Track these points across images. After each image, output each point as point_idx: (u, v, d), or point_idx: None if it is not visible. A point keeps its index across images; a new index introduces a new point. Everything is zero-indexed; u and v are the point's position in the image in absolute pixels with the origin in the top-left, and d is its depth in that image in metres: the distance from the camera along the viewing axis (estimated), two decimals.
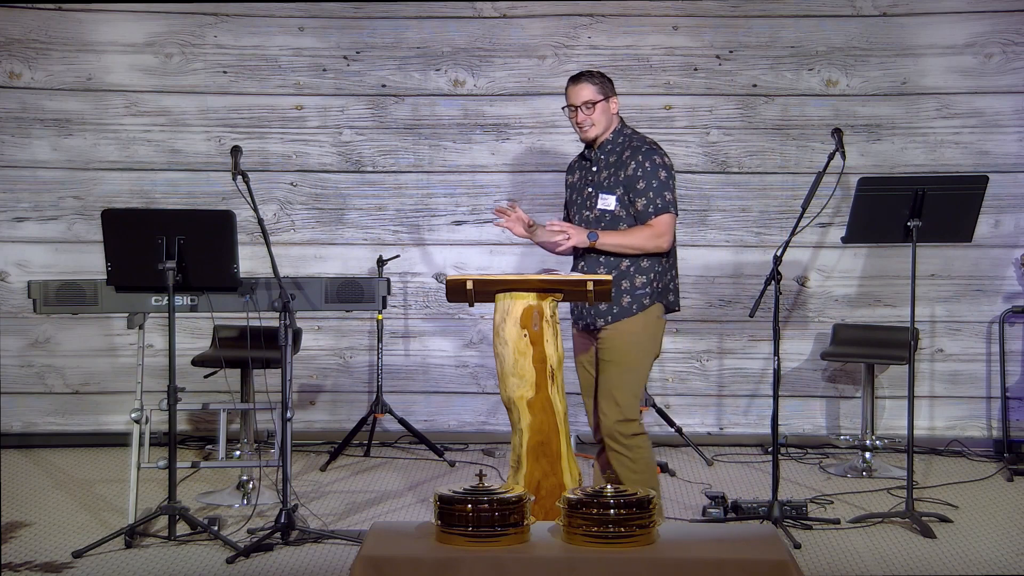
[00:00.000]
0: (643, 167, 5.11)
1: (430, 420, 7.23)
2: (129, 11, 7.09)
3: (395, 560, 3.94)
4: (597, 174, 5.20)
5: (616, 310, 5.13)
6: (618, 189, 5.13)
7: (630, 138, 5.22)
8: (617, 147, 5.20)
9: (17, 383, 7.19)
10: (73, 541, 5.46)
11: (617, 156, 5.18)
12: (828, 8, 7.05)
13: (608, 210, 5.15)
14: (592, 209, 5.19)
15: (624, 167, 5.13)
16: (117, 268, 5.48)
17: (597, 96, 5.18)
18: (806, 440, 7.19)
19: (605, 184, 5.16)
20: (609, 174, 5.17)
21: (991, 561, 5.26)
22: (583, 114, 5.16)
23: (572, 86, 5.21)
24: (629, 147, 5.17)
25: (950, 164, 7.03)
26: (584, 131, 5.19)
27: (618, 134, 5.23)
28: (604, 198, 5.15)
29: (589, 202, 5.21)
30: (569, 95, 5.21)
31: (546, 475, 4.92)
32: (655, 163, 5.12)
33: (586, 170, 5.27)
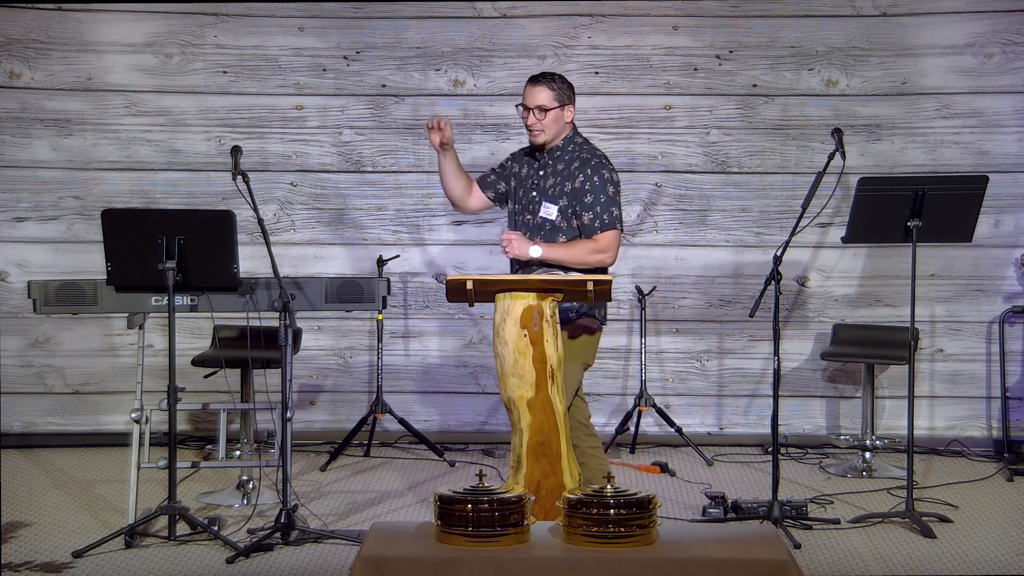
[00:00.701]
0: (591, 181, 5.05)
1: (430, 420, 7.23)
2: (129, 11, 7.09)
3: (395, 560, 3.94)
4: (543, 179, 5.14)
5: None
6: (562, 200, 5.06)
7: (580, 148, 5.14)
8: (566, 155, 5.14)
9: (17, 383, 7.19)
10: (73, 541, 5.46)
11: (565, 165, 5.11)
12: (828, 8, 7.05)
13: (549, 219, 5.09)
14: (534, 215, 5.13)
15: (571, 178, 5.07)
16: (117, 268, 5.48)
17: (552, 103, 5.11)
18: (806, 440, 7.19)
19: (550, 192, 5.10)
20: (555, 182, 5.10)
21: (991, 561, 5.26)
22: (534, 118, 5.09)
23: (530, 87, 5.15)
24: (578, 158, 5.10)
25: (950, 164, 7.03)
26: (533, 135, 5.13)
27: (569, 142, 5.15)
28: (547, 207, 5.09)
29: (532, 206, 5.15)
30: (525, 95, 5.15)
31: (546, 475, 4.92)
32: (603, 178, 5.07)
33: (532, 170, 5.21)
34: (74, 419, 7.26)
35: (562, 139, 5.17)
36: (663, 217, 7.16)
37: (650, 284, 7.08)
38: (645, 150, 7.15)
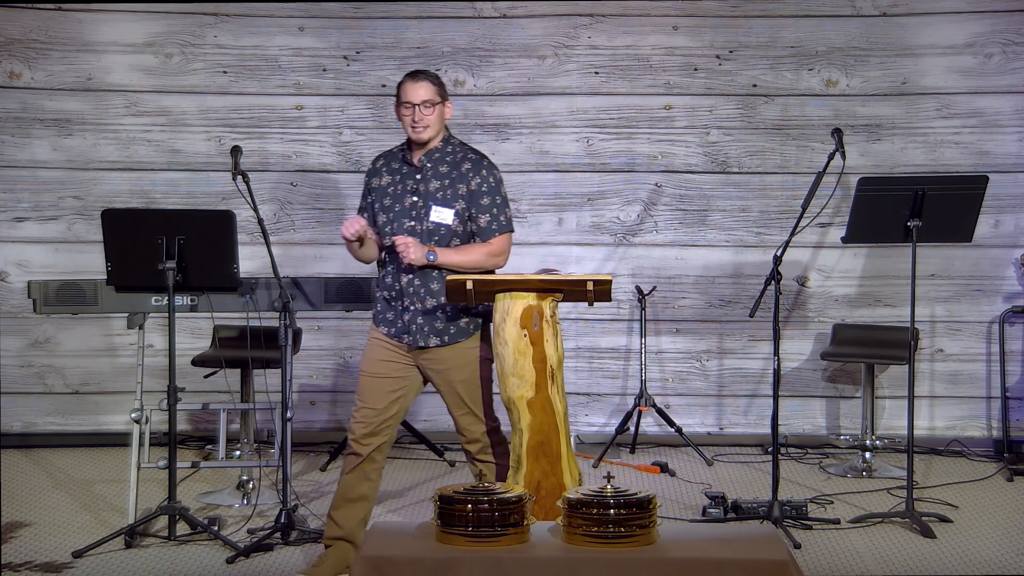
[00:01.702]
0: (487, 183, 4.93)
1: (430, 420, 7.23)
2: (129, 11, 7.09)
3: (395, 560, 3.93)
4: (425, 183, 4.91)
5: (453, 331, 4.93)
6: (457, 203, 4.89)
7: (464, 149, 4.99)
8: (448, 156, 4.94)
9: (17, 383, 7.19)
10: (73, 541, 5.46)
11: (451, 167, 4.92)
12: (828, 8, 7.05)
13: (444, 224, 4.88)
14: (421, 221, 4.89)
15: (465, 180, 4.91)
16: (117, 268, 5.48)
17: (436, 98, 4.92)
18: (806, 440, 7.19)
19: (439, 196, 4.89)
20: (443, 185, 4.90)
21: (991, 561, 5.27)
22: (421, 113, 4.88)
23: (412, 82, 4.89)
24: (466, 159, 4.95)
25: (950, 164, 7.03)
26: (418, 132, 4.87)
27: (447, 143, 4.98)
28: (439, 211, 4.89)
29: (415, 212, 4.90)
30: (408, 92, 4.88)
31: (546, 475, 4.92)
32: (497, 180, 4.97)
33: (407, 177, 4.95)
34: (74, 419, 7.26)
35: (440, 139, 4.98)
36: (663, 217, 7.16)
37: (650, 284, 7.08)
38: (645, 150, 7.15)
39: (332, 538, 5.04)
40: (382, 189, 4.98)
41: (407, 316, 4.92)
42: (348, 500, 5.03)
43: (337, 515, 5.04)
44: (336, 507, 5.04)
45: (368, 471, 5.02)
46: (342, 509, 5.03)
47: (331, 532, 5.05)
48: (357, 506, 5.04)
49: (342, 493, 5.04)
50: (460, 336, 4.96)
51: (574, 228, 7.18)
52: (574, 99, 7.14)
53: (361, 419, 4.99)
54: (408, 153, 4.98)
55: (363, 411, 4.99)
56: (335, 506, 5.05)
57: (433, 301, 4.90)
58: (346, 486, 5.03)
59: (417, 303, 4.90)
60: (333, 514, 5.05)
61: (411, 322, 4.92)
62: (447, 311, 4.91)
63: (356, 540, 5.03)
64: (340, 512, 5.03)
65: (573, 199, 7.17)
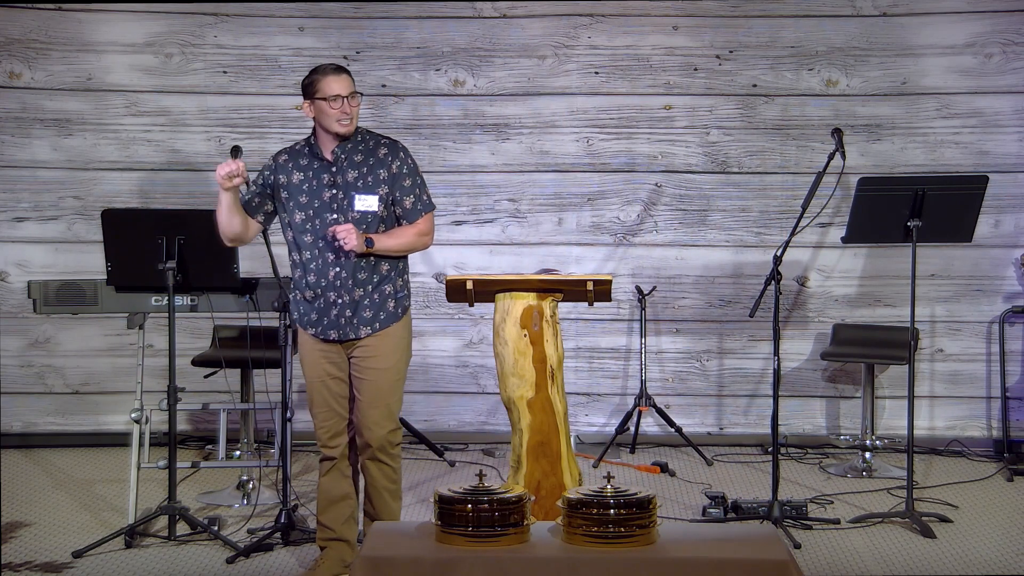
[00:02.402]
0: (407, 164, 4.91)
1: (430, 420, 7.23)
2: (129, 11, 7.09)
3: (395, 560, 3.93)
4: (342, 175, 4.85)
5: (383, 316, 4.91)
6: (380, 188, 4.85)
7: (373, 136, 4.95)
8: (360, 145, 4.89)
9: (17, 383, 7.19)
10: (73, 541, 5.46)
11: (365, 155, 4.88)
12: (828, 8, 7.05)
13: (371, 211, 4.84)
14: (344, 212, 4.83)
15: (384, 165, 4.87)
16: (117, 268, 5.48)
17: (356, 90, 4.89)
18: (806, 440, 7.19)
19: (360, 185, 4.84)
20: (361, 174, 4.86)
21: (991, 561, 5.26)
22: (350, 105, 4.80)
23: (340, 75, 4.82)
24: (381, 145, 4.92)
25: (950, 164, 7.03)
26: (346, 125, 4.81)
27: (356, 132, 4.91)
28: (364, 199, 4.84)
29: (336, 205, 4.83)
30: (337, 85, 4.80)
31: (546, 475, 4.93)
32: (414, 161, 4.96)
33: (320, 172, 4.87)
34: (74, 419, 7.26)
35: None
36: (663, 217, 7.16)
37: (650, 284, 7.08)
38: (645, 150, 7.15)
39: (325, 540, 5.06)
40: (295, 187, 4.88)
41: (333, 311, 4.86)
42: (332, 502, 5.04)
43: (325, 518, 5.05)
44: (322, 511, 5.06)
45: (343, 469, 5.04)
46: (328, 512, 5.05)
47: (323, 535, 5.07)
48: (342, 505, 5.05)
49: (325, 497, 5.05)
50: (389, 321, 4.93)
51: (574, 228, 7.18)
52: (574, 99, 7.14)
53: (323, 423, 4.98)
54: (315, 148, 4.90)
55: (320, 415, 4.97)
56: (321, 511, 5.07)
57: (360, 291, 4.86)
58: (327, 490, 5.04)
59: (344, 295, 4.85)
60: (321, 518, 5.07)
61: (339, 316, 4.86)
62: (374, 298, 4.87)
63: (349, 537, 5.06)
64: (327, 515, 5.05)
65: (573, 199, 7.17)
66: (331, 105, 4.79)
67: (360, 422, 4.94)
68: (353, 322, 4.87)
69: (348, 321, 4.86)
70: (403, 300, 4.97)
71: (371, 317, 4.88)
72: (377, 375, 4.90)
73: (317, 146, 4.89)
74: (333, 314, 4.86)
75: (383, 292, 4.90)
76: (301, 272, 4.92)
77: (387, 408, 4.94)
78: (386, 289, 4.91)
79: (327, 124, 4.83)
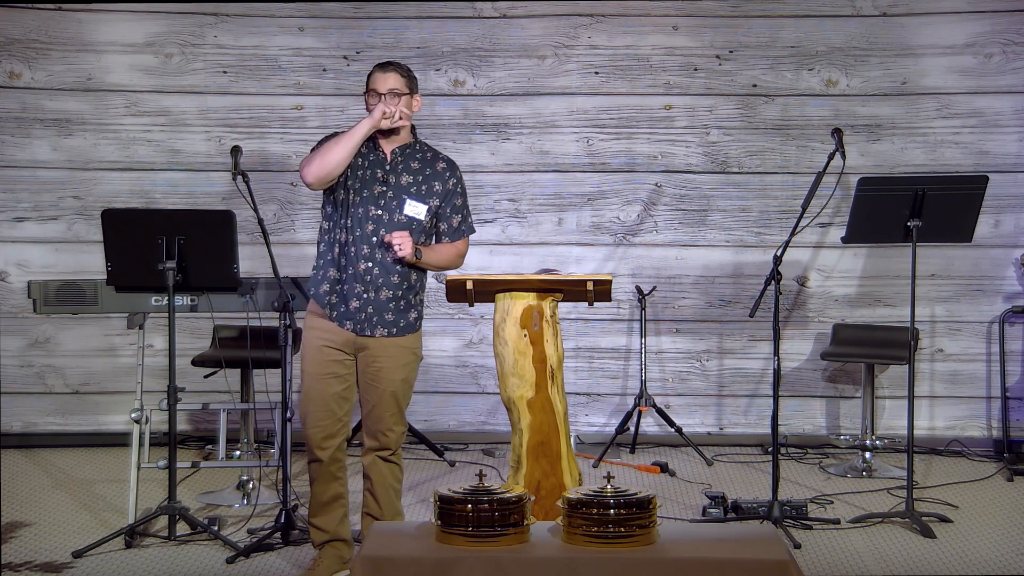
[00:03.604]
0: (461, 184, 4.97)
1: (430, 420, 7.23)
2: (129, 11, 7.09)
3: (395, 560, 3.93)
4: (395, 176, 4.88)
5: (403, 324, 4.90)
6: (432, 200, 4.89)
7: (433, 150, 5.00)
8: (418, 154, 4.94)
9: (17, 383, 7.19)
10: (73, 541, 5.46)
11: (422, 164, 4.92)
12: (828, 8, 7.05)
13: (417, 219, 4.86)
14: (391, 212, 4.84)
15: (441, 179, 4.92)
16: (117, 268, 5.48)
17: (404, 88, 4.93)
18: (806, 440, 7.19)
19: (414, 192, 4.87)
20: (415, 181, 4.89)
21: (991, 561, 5.27)
22: (387, 103, 4.84)
23: (384, 72, 4.92)
24: (439, 159, 4.97)
25: (950, 164, 7.03)
26: (392, 121, 4.84)
27: (417, 140, 4.98)
28: (414, 205, 4.86)
29: (383, 202, 4.84)
30: (378, 81, 4.89)
31: (546, 475, 4.93)
32: (464, 183, 5.02)
33: (375, 164, 4.89)
34: (74, 419, 7.26)
35: (409, 136, 4.98)
36: (663, 217, 7.16)
37: (650, 284, 7.08)
38: (645, 150, 7.15)
39: (322, 541, 5.05)
40: (354, 165, 4.87)
41: (354, 303, 4.84)
42: (323, 504, 5.02)
43: (318, 521, 5.03)
44: (314, 514, 5.04)
45: (334, 471, 4.99)
46: (321, 515, 5.02)
47: (318, 537, 5.06)
48: (334, 507, 5.03)
49: (317, 500, 5.02)
50: (408, 330, 4.92)
51: (574, 228, 7.18)
52: (574, 99, 7.14)
53: (317, 423, 4.91)
54: (375, 142, 4.91)
55: (316, 414, 4.91)
56: (313, 514, 5.04)
57: (388, 292, 4.85)
58: (319, 493, 5.00)
59: (371, 292, 4.84)
60: (314, 521, 5.05)
61: (360, 310, 4.84)
62: (400, 304, 4.87)
63: (345, 536, 5.06)
64: (320, 518, 5.03)
65: (573, 199, 7.17)
66: (369, 100, 4.88)
67: (377, 427, 4.94)
68: (373, 320, 4.85)
69: (368, 318, 4.84)
70: (422, 312, 5.00)
71: (392, 321, 4.87)
72: (390, 384, 4.90)
73: (376, 139, 4.91)
74: (354, 305, 4.84)
75: (408, 301, 4.90)
76: (329, 248, 4.89)
77: (402, 410, 4.99)
78: (411, 298, 4.91)
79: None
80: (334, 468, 5.00)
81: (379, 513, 5.00)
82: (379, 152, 4.91)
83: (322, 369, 4.89)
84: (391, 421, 4.94)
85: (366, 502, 5.05)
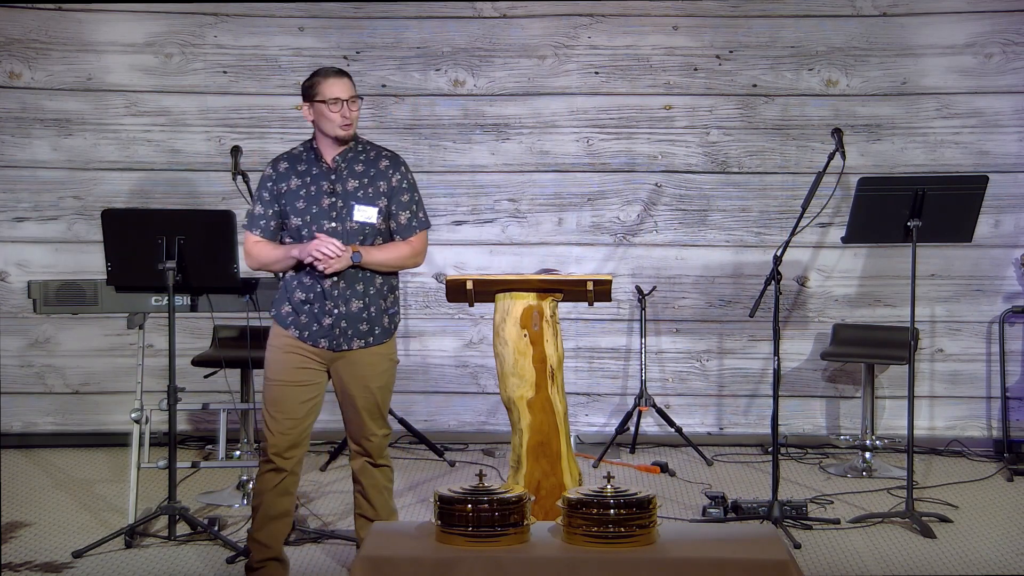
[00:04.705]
0: (407, 179, 4.83)
1: (430, 420, 7.23)
2: (129, 11, 7.09)
3: (395, 560, 3.93)
4: (342, 182, 4.74)
5: (378, 331, 4.78)
6: (381, 200, 4.75)
7: (376, 147, 4.86)
8: (361, 155, 4.80)
9: (17, 383, 7.19)
10: (73, 541, 5.46)
11: (366, 165, 4.78)
12: (828, 8, 7.05)
13: (370, 223, 4.73)
14: (343, 221, 4.72)
15: (385, 178, 4.77)
16: (117, 268, 5.48)
17: (355, 91, 4.76)
18: (806, 440, 7.19)
19: (361, 196, 4.74)
20: (361, 184, 4.75)
21: (991, 561, 5.27)
22: (350, 108, 4.70)
23: (341, 78, 4.74)
24: (382, 157, 4.82)
25: (950, 164, 7.03)
26: (348, 129, 4.72)
27: (357, 141, 4.84)
28: (364, 210, 4.72)
29: (335, 213, 4.72)
30: (338, 88, 4.71)
31: (546, 475, 4.93)
32: (413, 177, 4.88)
33: (319, 178, 4.75)
34: (74, 419, 7.26)
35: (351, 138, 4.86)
36: (663, 217, 7.16)
37: (650, 284, 7.08)
38: (645, 150, 7.15)
39: (262, 560, 4.86)
40: (292, 192, 4.75)
41: (327, 320, 4.73)
42: (271, 518, 4.84)
43: (262, 536, 4.85)
44: (259, 528, 4.84)
45: (288, 486, 4.85)
46: (266, 528, 4.85)
47: (261, 555, 4.86)
48: (281, 523, 4.88)
49: (264, 513, 4.84)
50: (383, 337, 4.81)
51: (574, 228, 7.18)
52: (574, 99, 7.14)
53: (282, 431, 4.78)
54: (315, 153, 4.79)
55: (284, 422, 4.77)
56: (258, 527, 4.85)
57: (358, 303, 4.74)
58: (268, 505, 4.83)
59: (341, 306, 4.72)
60: (258, 536, 4.85)
61: (333, 326, 4.72)
62: (371, 312, 4.76)
63: (283, 557, 4.91)
64: (265, 532, 4.85)
65: (573, 199, 7.17)
66: (331, 108, 4.70)
67: (360, 433, 4.85)
68: (348, 333, 4.74)
69: (343, 332, 4.73)
70: (395, 316, 4.87)
71: (367, 331, 4.76)
72: (368, 390, 4.80)
73: (318, 150, 4.78)
74: (327, 323, 4.73)
75: (379, 306, 4.78)
76: (294, 275, 4.79)
77: (384, 416, 4.89)
78: (381, 303, 4.79)
79: (326, 128, 4.73)
80: (289, 482, 4.85)
81: (373, 514, 4.91)
82: (321, 163, 4.77)
83: (291, 376, 4.77)
84: (374, 427, 4.85)
85: (358, 504, 4.95)
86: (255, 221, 4.80)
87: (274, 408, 4.78)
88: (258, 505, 4.85)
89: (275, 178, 4.78)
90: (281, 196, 4.77)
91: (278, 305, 4.83)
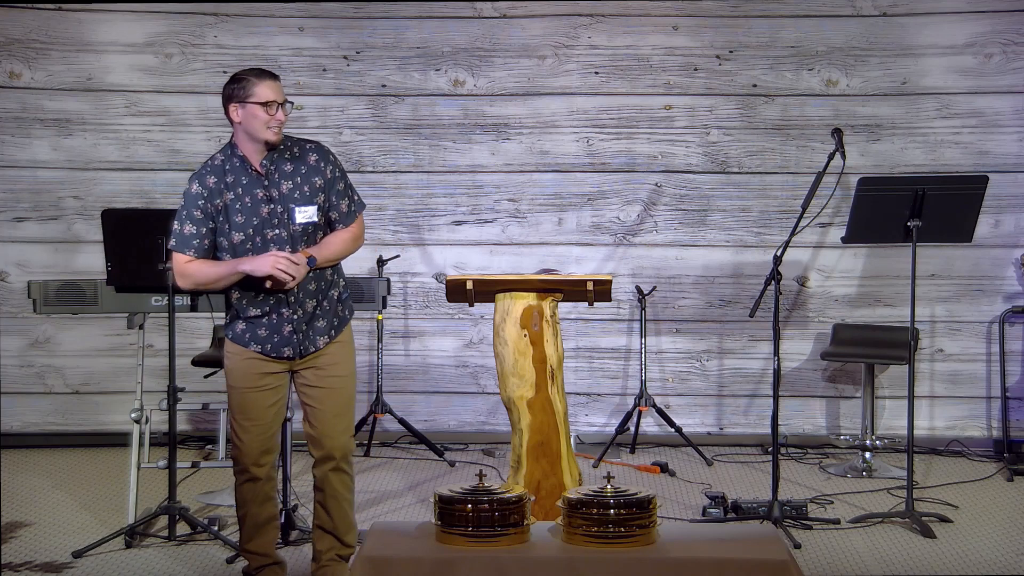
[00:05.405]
0: (337, 167, 4.72)
1: (430, 420, 7.23)
2: (129, 11, 7.10)
3: (395, 560, 3.94)
4: (275, 187, 4.60)
5: (337, 322, 4.71)
6: (318, 197, 4.62)
7: (297, 141, 4.69)
8: (286, 153, 4.64)
9: (17, 383, 7.19)
10: (73, 541, 5.46)
11: (294, 163, 4.63)
12: (828, 8, 7.05)
13: (312, 221, 4.61)
14: (287, 226, 4.59)
15: (318, 172, 4.63)
16: (117, 268, 5.48)
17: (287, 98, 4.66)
18: (806, 440, 7.19)
19: (298, 196, 4.60)
20: (295, 184, 4.61)
21: (991, 561, 5.27)
22: (283, 112, 4.57)
23: (275, 81, 4.62)
24: (311, 149, 4.68)
25: (950, 164, 7.03)
26: (278, 133, 4.57)
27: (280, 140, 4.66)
28: (304, 210, 4.60)
29: (276, 220, 4.59)
30: (272, 91, 4.58)
31: (546, 475, 4.93)
32: (339, 161, 4.78)
33: (251, 187, 4.59)
34: (74, 419, 7.26)
35: None
36: (663, 217, 7.16)
37: (650, 284, 7.08)
38: (645, 150, 7.15)
39: (259, 567, 4.83)
40: (229, 207, 4.59)
41: (287, 328, 4.64)
42: (259, 527, 4.80)
43: (253, 546, 4.80)
44: (249, 539, 4.80)
45: (268, 491, 4.79)
46: (258, 538, 4.81)
47: (256, 563, 4.82)
48: (269, 528, 4.84)
49: (252, 523, 4.79)
50: (342, 325, 4.75)
51: (574, 228, 7.18)
52: (574, 99, 7.14)
53: (255, 440, 4.70)
54: (240, 160, 4.62)
55: (253, 429, 4.69)
56: (248, 538, 4.80)
57: (312, 303, 4.66)
58: (254, 515, 4.78)
59: (298, 310, 4.64)
60: (250, 546, 4.81)
61: (294, 332, 4.63)
62: (324, 307, 4.68)
63: (279, 559, 4.88)
64: (255, 543, 4.81)
65: (573, 199, 7.17)
66: (267, 111, 4.55)
67: (323, 433, 4.72)
68: (310, 335, 4.65)
69: (305, 335, 4.64)
70: (347, 301, 4.79)
71: (326, 326, 4.69)
72: (342, 382, 4.73)
73: (244, 156, 4.62)
74: (287, 331, 4.64)
75: (331, 298, 4.71)
76: (241, 293, 4.64)
77: (350, 416, 4.79)
78: (333, 294, 4.73)
79: (256, 131, 4.56)
80: (268, 487, 4.80)
81: (331, 526, 4.80)
82: (249, 170, 4.61)
83: (255, 382, 4.68)
84: (340, 426, 4.73)
85: (317, 514, 4.84)
86: (187, 241, 4.62)
87: (242, 416, 4.70)
88: (243, 516, 4.80)
89: (206, 195, 4.61)
90: (218, 213, 4.61)
91: (231, 326, 4.73)
